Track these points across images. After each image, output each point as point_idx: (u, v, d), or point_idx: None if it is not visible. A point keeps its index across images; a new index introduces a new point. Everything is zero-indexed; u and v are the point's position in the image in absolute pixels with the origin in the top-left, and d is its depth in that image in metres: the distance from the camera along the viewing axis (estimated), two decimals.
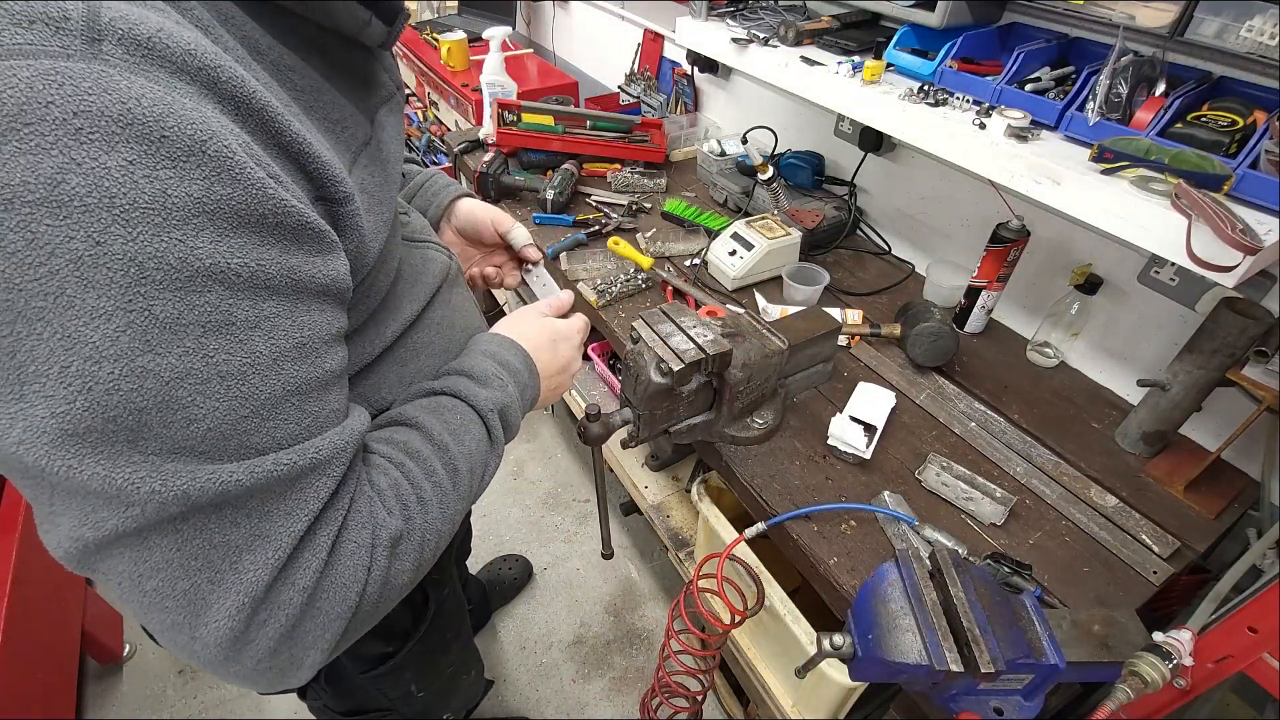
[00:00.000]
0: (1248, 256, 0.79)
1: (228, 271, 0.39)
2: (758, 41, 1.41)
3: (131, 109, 0.35)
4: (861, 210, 1.72)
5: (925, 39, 1.25)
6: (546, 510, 2.13)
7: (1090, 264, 1.25)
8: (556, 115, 1.88)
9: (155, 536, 0.40)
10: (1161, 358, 1.15)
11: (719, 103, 2.12)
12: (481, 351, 0.70)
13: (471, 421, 0.64)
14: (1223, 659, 0.73)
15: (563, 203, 1.74)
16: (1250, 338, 0.97)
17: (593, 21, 2.61)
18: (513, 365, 0.70)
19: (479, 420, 0.64)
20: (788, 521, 1.02)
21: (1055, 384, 1.30)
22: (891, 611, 0.74)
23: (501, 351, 0.70)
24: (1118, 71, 0.98)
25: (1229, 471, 1.12)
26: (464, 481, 0.61)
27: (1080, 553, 1.00)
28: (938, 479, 1.08)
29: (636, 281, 1.49)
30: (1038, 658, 0.72)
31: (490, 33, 1.96)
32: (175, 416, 0.38)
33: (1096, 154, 0.95)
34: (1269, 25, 0.86)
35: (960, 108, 1.13)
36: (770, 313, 1.40)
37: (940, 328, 1.24)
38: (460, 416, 0.63)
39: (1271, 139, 0.85)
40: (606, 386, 1.87)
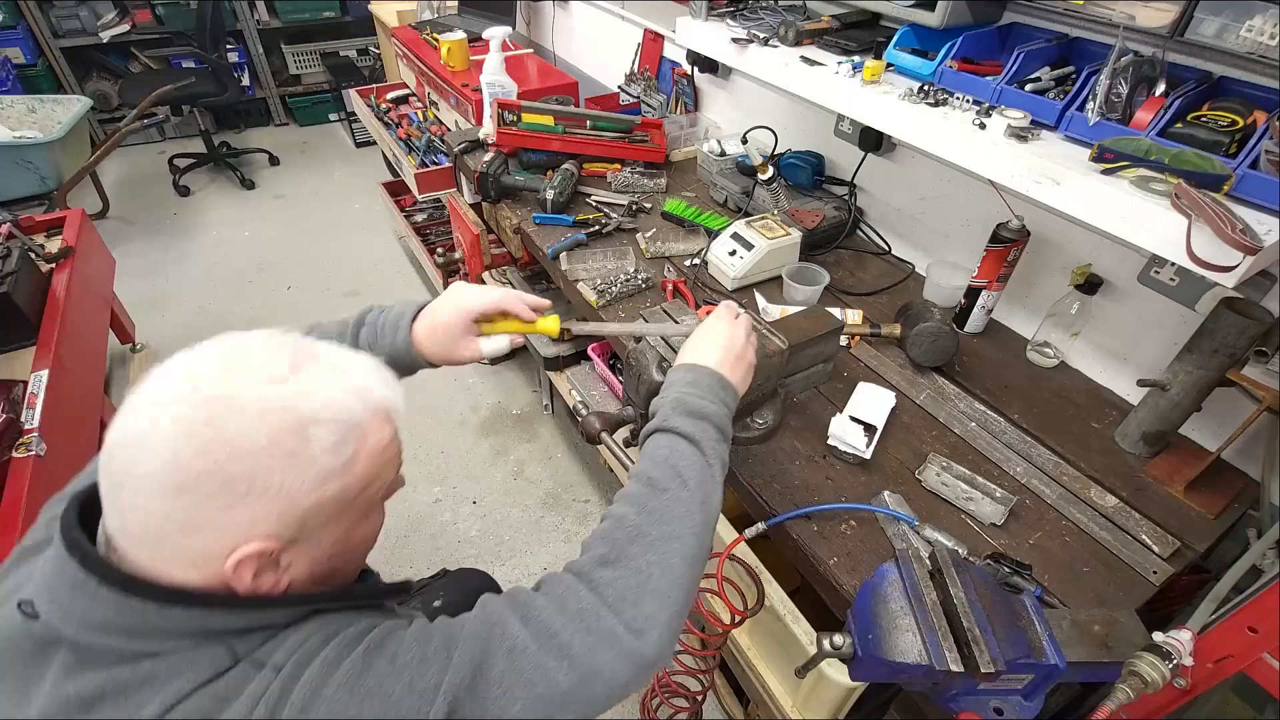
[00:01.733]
0: (1248, 256, 0.80)
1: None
2: (758, 41, 1.41)
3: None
4: (861, 210, 1.72)
5: (925, 39, 1.25)
6: (546, 510, 2.13)
7: (1090, 264, 1.25)
8: (556, 115, 1.88)
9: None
10: (1161, 358, 1.15)
11: (719, 103, 2.12)
12: (683, 410, 0.81)
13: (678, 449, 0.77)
14: (1223, 659, 0.73)
15: (563, 203, 1.74)
16: (1250, 338, 0.97)
17: (593, 21, 2.61)
18: (706, 410, 0.81)
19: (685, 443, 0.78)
20: (788, 521, 1.02)
21: (1055, 384, 1.30)
22: (891, 611, 0.74)
23: (692, 402, 0.81)
24: (1118, 71, 0.98)
25: (1229, 471, 1.12)
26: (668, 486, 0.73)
27: (1080, 553, 1.00)
28: (938, 479, 1.08)
29: (636, 281, 1.49)
30: (1038, 658, 0.72)
31: (490, 33, 1.96)
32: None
33: (1096, 154, 0.95)
34: (1269, 25, 0.86)
35: (960, 108, 1.13)
36: (770, 313, 1.40)
37: (940, 328, 1.24)
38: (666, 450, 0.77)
39: (1271, 139, 0.85)
40: (607, 386, 1.87)
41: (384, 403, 0.61)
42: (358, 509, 0.61)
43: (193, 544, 0.53)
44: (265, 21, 4.20)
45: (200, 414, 0.52)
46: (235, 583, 0.55)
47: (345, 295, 3.02)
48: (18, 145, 2.72)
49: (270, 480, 0.53)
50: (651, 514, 0.70)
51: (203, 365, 0.55)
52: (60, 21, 3.77)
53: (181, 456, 0.51)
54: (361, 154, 4.23)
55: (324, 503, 0.56)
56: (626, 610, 0.63)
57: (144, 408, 0.53)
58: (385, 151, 3.10)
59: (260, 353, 0.57)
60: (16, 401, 1.59)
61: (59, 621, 0.53)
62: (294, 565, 0.58)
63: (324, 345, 0.62)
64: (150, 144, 4.28)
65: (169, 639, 0.53)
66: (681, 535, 0.69)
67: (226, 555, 0.53)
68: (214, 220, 3.57)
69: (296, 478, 0.54)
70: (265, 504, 0.53)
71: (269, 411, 0.53)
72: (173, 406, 0.52)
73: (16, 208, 2.78)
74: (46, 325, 1.85)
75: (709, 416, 0.80)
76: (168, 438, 0.51)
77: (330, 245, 3.36)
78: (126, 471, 0.52)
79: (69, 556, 0.53)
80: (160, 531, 0.53)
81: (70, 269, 2.05)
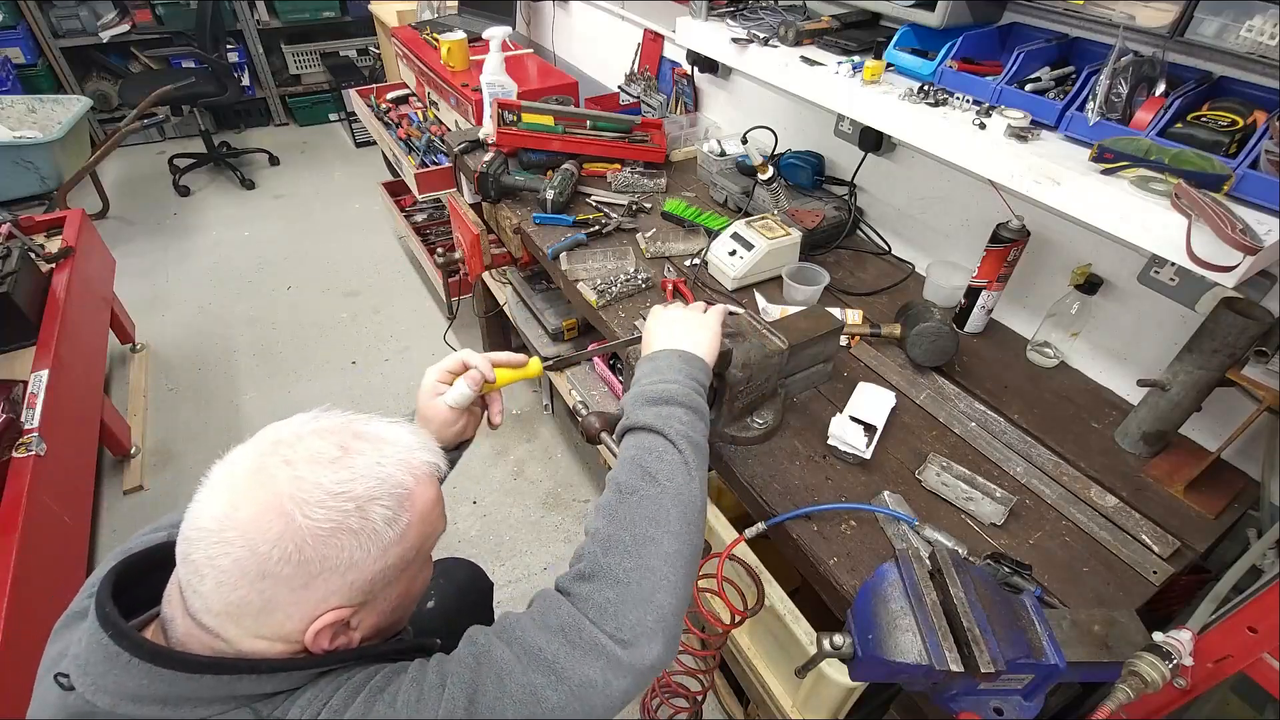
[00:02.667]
0: (1248, 256, 0.80)
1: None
2: (758, 41, 1.41)
3: None
4: (861, 210, 1.72)
5: (925, 39, 1.25)
6: (546, 510, 2.13)
7: (1090, 264, 1.25)
8: (556, 115, 1.88)
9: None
10: (1161, 358, 1.15)
11: (719, 103, 2.12)
12: (642, 400, 0.81)
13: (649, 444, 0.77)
14: (1223, 659, 0.73)
15: (563, 203, 1.74)
16: (1250, 338, 0.97)
17: (593, 21, 2.61)
18: (667, 393, 0.81)
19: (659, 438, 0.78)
20: (788, 521, 1.02)
21: (1055, 384, 1.30)
22: (891, 611, 0.74)
23: (651, 389, 0.82)
24: (1118, 71, 0.98)
25: (1229, 471, 1.12)
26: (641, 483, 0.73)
27: (1080, 553, 1.00)
28: (938, 479, 1.08)
29: (636, 281, 1.49)
30: (1038, 658, 0.72)
31: (490, 33, 1.96)
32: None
33: (1096, 154, 0.95)
34: (1269, 25, 0.86)
35: (960, 108, 1.13)
36: (770, 313, 1.40)
37: (940, 328, 1.24)
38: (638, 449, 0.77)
39: (1271, 139, 0.85)
40: (607, 386, 1.87)
41: (427, 468, 0.67)
42: (416, 565, 0.67)
43: (274, 620, 0.58)
44: (265, 21, 4.20)
45: (271, 507, 0.57)
46: (314, 648, 0.60)
47: (345, 295, 3.02)
48: (18, 145, 2.72)
49: (340, 558, 0.58)
50: (621, 521, 0.70)
51: (265, 459, 0.60)
52: (60, 21, 3.77)
53: (259, 548, 0.56)
54: (361, 154, 4.23)
55: (388, 569, 0.62)
56: (608, 622, 0.64)
57: (218, 503, 0.58)
58: (385, 151, 3.10)
59: (313, 439, 0.62)
60: (16, 401, 1.60)
61: (92, 694, 0.56)
62: (363, 624, 0.64)
63: (363, 419, 0.67)
64: (150, 144, 4.28)
65: (199, 706, 0.57)
66: (656, 537, 0.69)
67: (304, 627, 0.59)
68: (214, 220, 3.57)
69: (362, 552, 0.59)
70: (337, 579, 0.59)
71: (333, 497, 0.58)
72: (245, 501, 0.57)
73: (16, 208, 2.79)
74: (46, 325, 1.85)
75: (672, 398, 0.80)
76: (244, 531, 0.56)
77: (330, 245, 3.36)
78: (209, 563, 0.56)
79: (102, 631, 0.57)
80: (243, 612, 0.58)
81: (70, 269, 2.05)
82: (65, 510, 1.60)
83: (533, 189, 1.76)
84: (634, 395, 0.82)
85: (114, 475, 2.21)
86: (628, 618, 0.64)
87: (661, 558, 0.68)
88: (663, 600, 0.66)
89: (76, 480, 1.77)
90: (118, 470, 2.21)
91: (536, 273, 2.23)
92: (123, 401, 2.42)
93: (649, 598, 0.65)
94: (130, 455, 2.19)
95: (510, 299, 2.25)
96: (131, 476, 2.16)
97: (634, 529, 0.69)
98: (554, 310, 2.09)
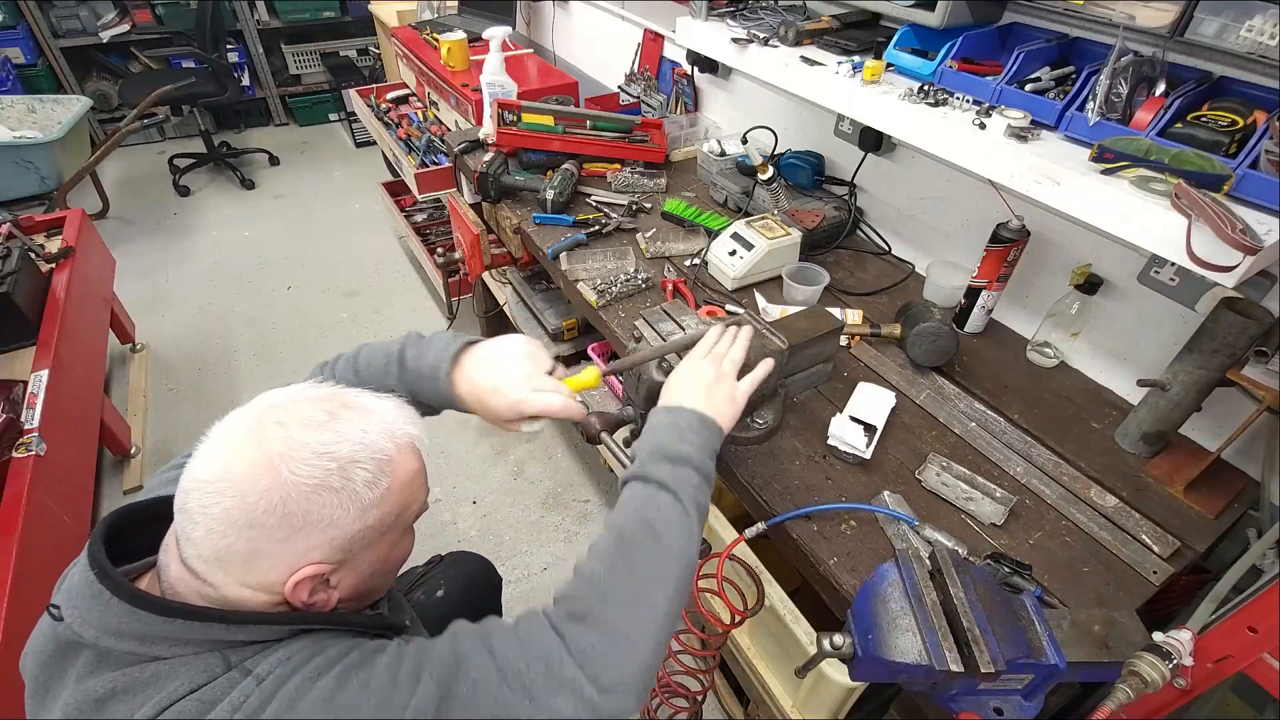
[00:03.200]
0: (1248, 256, 0.80)
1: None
2: (758, 41, 1.41)
3: None
4: (861, 210, 1.72)
5: (925, 39, 1.25)
6: (546, 510, 2.13)
7: (1090, 264, 1.25)
8: (556, 115, 1.88)
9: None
10: (1161, 358, 1.15)
11: (719, 103, 2.12)
12: (660, 455, 0.81)
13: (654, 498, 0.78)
14: (1223, 659, 0.73)
15: (563, 203, 1.74)
16: (1250, 338, 0.97)
17: (593, 21, 2.61)
18: (684, 455, 0.81)
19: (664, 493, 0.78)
20: (788, 521, 1.02)
21: (1055, 384, 1.30)
22: (891, 611, 0.74)
23: (670, 447, 0.82)
24: (1118, 71, 0.98)
25: (1229, 471, 1.12)
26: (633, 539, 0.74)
27: (1080, 553, 1.00)
28: (938, 479, 1.08)
29: (636, 281, 1.49)
30: (1038, 658, 0.72)
31: (490, 33, 1.96)
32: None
33: (1096, 154, 0.95)
34: (1269, 25, 0.86)
35: (960, 108, 1.13)
36: (770, 313, 1.40)
37: (940, 328, 1.24)
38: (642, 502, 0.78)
39: (1271, 139, 0.85)
40: (607, 386, 1.87)
41: (409, 439, 0.70)
42: (395, 532, 0.70)
43: (258, 569, 0.62)
44: (265, 21, 4.20)
45: (264, 461, 0.61)
46: (293, 599, 0.64)
47: (345, 295, 3.02)
48: (18, 145, 2.72)
49: (321, 514, 0.62)
50: (620, 572, 0.71)
51: (260, 420, 0.64)
52: (60, 21, 3.77)
53: (248, 499, 0.60)
54: (361, 154, 4.23)
55: (367, 529, 0.66)
56: (590, 666, 0.64)
57: (214, 458, 0.62)
58: (385, 151, 3.10)
59: (305, 405, 0.66)
60: (16, 401, 1.60)
61: (78, 626, 0.61)
62: (342, 584, 0.67)
63: (353, 392, 0.71)
64: (150, 144, 4.28)
65: (174, 645, 0.61)
66: (652, 596, 0.70)
67: (286, 578, 0.62)
68: (214, 220, 3.57)
69: (342, 510, 0.63)
70: (318, 534, 0.63)
71: (319, 456, 0.62)
72: (238, 457, 0.62)
73: (16, 208, 2.79)
74: (46, 325, 1.85)
75: (688, 460, 0.80)
76: (236, 483, 0.60)
77: (330, 245, 3.36)
78: (202, 511, 0.61)
79: (89, 569, 0.62)
80: (229, 559, 0.62)
81: (70, 269, 2.05)
82: (65, 510, 1.60)
83: (533, 189, 1.76)
84: (651, 447, 0.82)
85: (114, 475, 2.21)
86: (610, 666, 0.65)
87: (653, 618, 0.69)
88: (645, 657, 0.67)
89: (76, 480, 1.77)
90: (118, 470, 2.21)
91: (536, 273, 2.24)
92: (123, 401, 2.42)
93: (634, 652, 0.67)
94: (130, 455, 2.20)
95: (510, 299, 2.25)
96: (131, 476, 2.16)
97: (634, 585, 0.70)
98: (554, 310, 2.09)
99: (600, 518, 2.09)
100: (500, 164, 1.80)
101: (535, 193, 1.74)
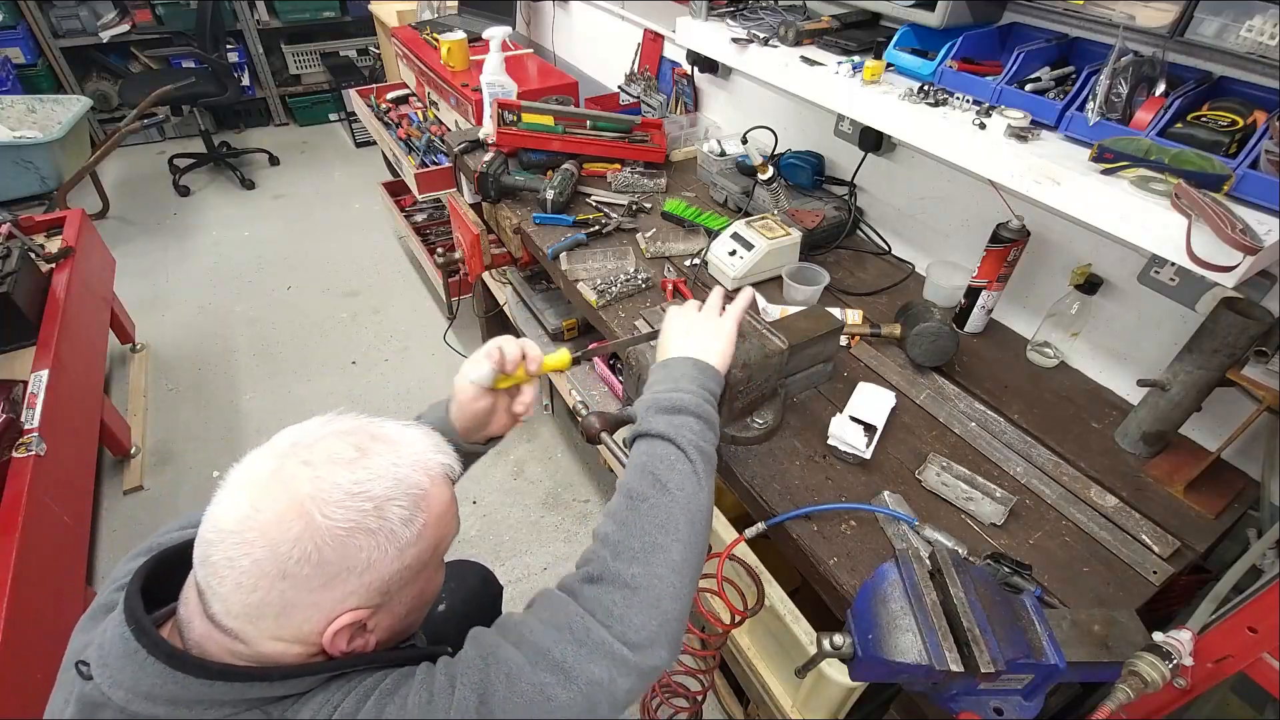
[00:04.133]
0: (1248, 256, 0.80)
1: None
2: (758, 41, 1.41)
3: None
4: (861, 210, 1.72)
5: (925, 39, 1.25)
6: (546, 510, 2.13)
7: (1090, 264, 1.25)
8: (556, 115, 1.88)
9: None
10: (1161, 358, 1.15)
11: (719, 103, 2.12)
12: (656, 408, 0.82)
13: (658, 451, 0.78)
14: (1223, 659, 0.73)
15: (563, 203, 1.74)
16: (1250, 338, 0.97)
17: (593, 21, 2.61)
18: (681, 403, 0.81)
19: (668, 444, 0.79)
20: (788, 521, 1.02)
21: (1055, 384, 1.30)
22: (891, 611, 0.74)
23: (665, 397, 0.82)
24: (1118, 71, 0.98)
25: (1229, 471, 1.12)
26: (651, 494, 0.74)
27: (1080, 553, 1.00)
28: (938, 479, 1.08)
29: (636, 281, 1.49)
30: (1038, 658, 0.72)
31: (490, 33, 1.96)
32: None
33: (1096, 154, 0.95)
34: (1269, 25, 0.86)
35: (960, 108, 1.13)
36: (770, 313, 1.40)
37: (940, 328, 1.24)
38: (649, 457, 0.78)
39: (1271, 139, 0.85)
40: (607, 386, 1.87)
41: (441, 469, 0.67)
42: (431, 568, 0.68)
43: (293, 621, 0.59)
44: (265, 21, 4.20)
45: (294, 506, 0.57)
46: (332, 650, 0.61)
47: (345, 295, 3.02)
48: (18, 145, 2.72)
49: (358, 559, 0.59)
50: (631, 528, 0.71)
51: (284, 461, 0.60)
52: (60, 21, 3.77)
53: (279, 549, 0.56)
54: (361, 154, 4.23)
55: (404, 569, 0.62)
56: (616, 624, 0.64)
57: (238, 505, 0.58)
58: (385, 151, 3.10)
59: (332, 440, 0.62)
60: (16, 401, 1.60)
61: (108, 687, 0.57)
62: (379, 626, 0.64)
63: (377, 422, 0.67)
64: (150, 144, 4.28)
65: (210, 708, 0.58)
66: (665, 544, 0.70)
67: (322, 629, 0.59)
68: (214, 220, 3.57)
69: (379, 552, 0.60)
70: (355, 580, 0.59)
71: (352, 497, 0.59)
72: (264, 503, 0.58)
73: (16, 208, 2.79)
74: (46, 325, 1.85)
75: (685, 408, 0.80)
76: (264, 532, 0.57)
77: (330, 245, 3.36)
78: (229, 564, 0.57)
79: (125, 626, 0.58)
80: (262, 613, 0.58)
81: (70, 269, 2.05)
82: (65, 510, 1.60)
83: (533, 189, 1.76)
84: (647, 401, 0.83)
85: (114, 475, 2.21)
86: (634, 621, 0.65)
87: (669, 565, 0.69)
88: (668, 606, 0.67)
89: (76, 480, 1.77)
90: (118, 470, 2.21)
91: (536, 273, 2.23)
92: (123, 401, 2.42)
93: (656, 603, 0.66)
94: (130, 455, 2.19)
95: (510, 299, 2.25)
96: (131, 476, 2.16)
97: (644, 536, 0.70)
98: (554, 310, 2.09)
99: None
100: (500, 164, 1.80)
101: (535, 193, 1.74)
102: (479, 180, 1.78)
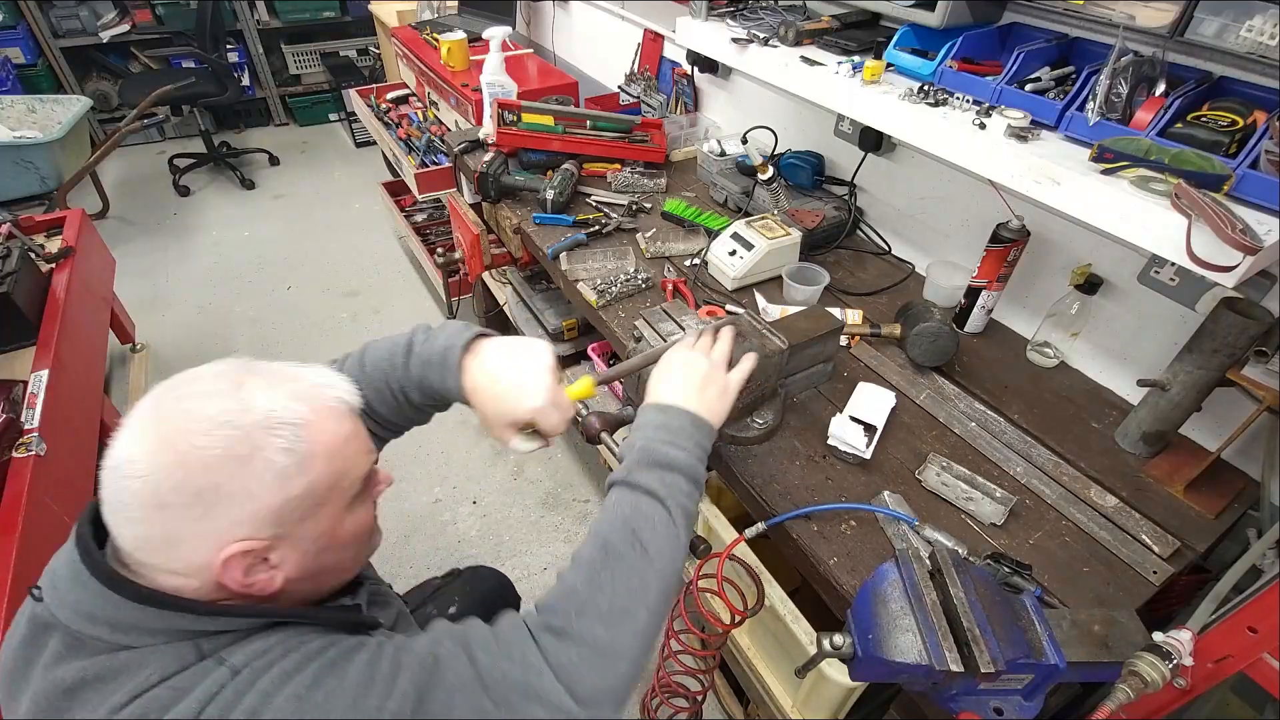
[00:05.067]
0: (1248, 256, 0.80)
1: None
2: (758, 41, 1.41)
3: None
4: (861, 210, 1.72)
5: (925, 39, 1.25)
6: (546, 510, 2.13)
7: (1090, 264, 1.25)
8: (556, 115, 1.88)
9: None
10: (1161, 358, 1.15)
11: (719, 103, 2.12)
12: (648, 461, 0.79)
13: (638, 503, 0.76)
14: (1223, 659, 0.73)
15: (563, 203, 1.74)
16: (1250, 338, 0.97)
17: (593, 21, 2.61)
18: (675, 460, 0.79)
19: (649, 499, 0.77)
20: (788, 521, 1.02)
21: (1055, 384, 1.30)
22: (891, 611, 0.74)
23: (660, 451, 0.79)
24: (1118, 71, 0.98)
25: (1229, 471, 1.12)
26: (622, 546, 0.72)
27: (1080, 553, 1.00)
28: (938, 479, 1.08)
29: (636, 281, 1.49)
30: (1038, 658, 0.72)
31: (490, 33, 1.96)
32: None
33: (1096, 154, 0.95)
34: (1269, 25, 0.86)
35: (960, 108, 1.13)
36: (770, 313, 1.40)
37: (940, 328, 1.24)
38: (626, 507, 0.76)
39: (1271, 139, 0.85)
40: (607, 388, 1.87)
41: (333, 402, 0.67)
42: (335, 503, 0.66)
43: (181, 552, 0.60)
44: (265, 21, 4.20)
45: (164, 439, 0.58)
46: (228, 582, 0.60)
47: (345, 295, 3.02)
48: (18, 145, 2.72)
49: (234, 486, 0.59)
50: (601, 587, 0.69)
51: (159, 399, 0.62)
52: (60, 21, 3.77)
53: (155, 478, 0.57)
54: (361, 154, 4.23)
55: (293, 499, 0.62)
56: (568, 680, 0.64)
57: (123, 439, 0.60)
58: (385, 151, 3.10)
59: (207, 379, 0.63)
60: (16, 401, 1.59)
61: (55, 607, 0.60)
62: (285, 562, 0.63)
63: (266, 363, 0.68)
64: (150, 144, 4.28)
65: (145, 635, 0.59)
66: (634, 610, 0.69)
67: (212, 559, 0.59)
68: (214, 220, 3.57)
69: (256, 480, 0.60)
70: (236, 509, 0.59)
71: (219, 425, 0.59)
72: (142, 436, 0.59)
73: (16, 208, 2.78)
74: (46, 325, 1.85)
75: (678, 466, 0.78)
76: (141, 463, 0.58)
77: (330, 245, 3.37)
78: (117, 497, 0.59)
79: (74, 548, 0.61)
80: (151, 545, 0.60)
81: (70, 269, 2.05)
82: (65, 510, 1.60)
83: (533, 189, 1.76)
84: (639, 451, 0.79)
85: None
86: (587, 679, 0.65)
87: (634, 632, 0.68)
88: (624, 669, 0.67)
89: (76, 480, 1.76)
90: None
91: (536, 273, 2.23)
92: (123, 401, 2.42)
93: (613, 667, 0.66)
94: None
95: (510, 299, 2.25)
96: None
97: (614, 598, 0.69)
98: (554, 310, 2.09)
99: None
100: (500, 164, 1.80)
101: (535, 193, 1.74)
102: (479, 180, 1.78)
